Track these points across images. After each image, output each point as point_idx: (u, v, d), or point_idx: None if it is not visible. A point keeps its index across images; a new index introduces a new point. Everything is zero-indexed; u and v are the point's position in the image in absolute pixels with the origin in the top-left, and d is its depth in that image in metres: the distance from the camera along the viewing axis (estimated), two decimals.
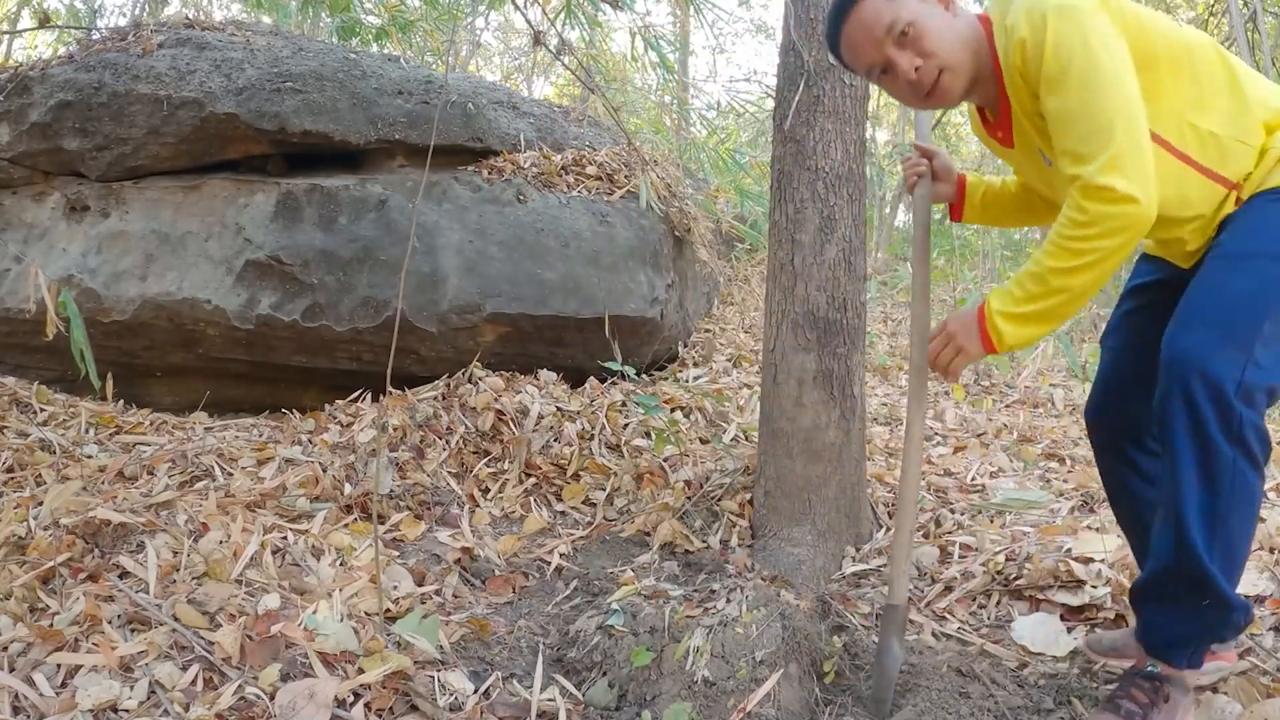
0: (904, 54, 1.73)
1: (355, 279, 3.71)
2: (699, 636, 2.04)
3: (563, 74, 13.57)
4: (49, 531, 2.38)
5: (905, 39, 1.72)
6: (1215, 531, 1.56)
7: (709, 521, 2.94)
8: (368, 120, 4.00)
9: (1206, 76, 1.65)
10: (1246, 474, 1.54)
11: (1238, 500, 1.55)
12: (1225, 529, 1.56)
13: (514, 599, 2.61)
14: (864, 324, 2.85)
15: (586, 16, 4.97)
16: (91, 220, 4.00)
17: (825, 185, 2.75)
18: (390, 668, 1.93)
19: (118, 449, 3.31)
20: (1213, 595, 1.58)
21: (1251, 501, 1.57)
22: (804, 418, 2.74)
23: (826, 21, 1.85)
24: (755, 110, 10.25)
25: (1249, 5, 8.18)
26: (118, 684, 1.79)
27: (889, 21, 1.73)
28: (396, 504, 3.01)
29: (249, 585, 2.27)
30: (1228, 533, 1.56)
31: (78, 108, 3.94)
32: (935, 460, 3.52)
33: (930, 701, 1.91)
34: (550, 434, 3.52)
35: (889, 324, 6.82)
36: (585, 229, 4.07)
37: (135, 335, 3.90)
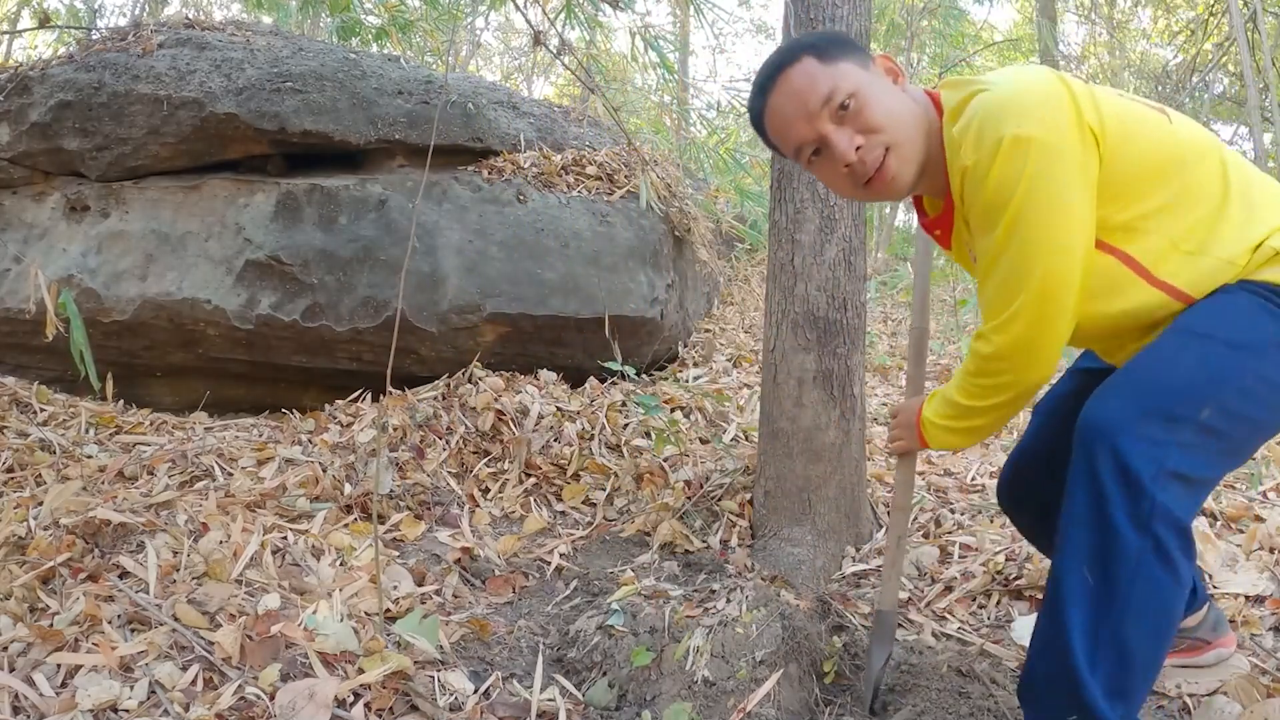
0: (843, 131, 1.49)
1: (355, 279, 3.71)
2: (699, 636, 2.04)
3: (563, 74, 13.57)
4: (49, 531, 2.38)
5: (845, 113, 1.48)
6: (1099, 636, 1.34)
7: (709, 521, 2.94)
8: (368, 120, 4.00)
9: (1197, 192, 1.44)
10: (1153, 570, 1.31)
11: (1137, 601, 1.32)
12: (1117, 635, 1.34)
13: (514, 599, 2.61)
14: (864, 324, 2.85)
15: (586, 16, 4.97)
16: (91, 220, 4.00)
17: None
18: (390, 668, 1.93)
19: (118, 449, 3.31)
20: (1082, 705, 1.35)
21: (1160, 606, 1.33)
22: (804, 418, 2.74)
23: (751, 90, 1.59)
24: None
25: (1249, 5, 8.18)
26: (118, 684, 1.79)
27: (826, 91, 1.48)
28: (396, 504, 3.01)
29: (249, 585, 2.27)
30: (1119, 640, 1.34)
31: (78, 108, 3.94)
32: (935, 460, 3.52)
33: (930, 701, 1.91)
34: (550, 434, 3.52)
35: (889, 324, 6.82)
36: (585, 229, 4.07)
37: (135, 335, 3.90)
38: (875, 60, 1.55)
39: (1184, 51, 11.28)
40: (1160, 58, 13.63)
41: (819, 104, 1.49)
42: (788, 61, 1.52)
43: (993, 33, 13.50)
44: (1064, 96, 1.38)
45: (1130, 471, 1.30)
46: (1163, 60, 13.08)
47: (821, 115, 1.49)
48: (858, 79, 1.49)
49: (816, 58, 1.50)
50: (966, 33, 11.91)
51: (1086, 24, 14.84)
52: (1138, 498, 1.30)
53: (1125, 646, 1.34)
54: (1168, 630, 1.36)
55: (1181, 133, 1.46)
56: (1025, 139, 1.35)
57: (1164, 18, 13.85)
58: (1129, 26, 14.83)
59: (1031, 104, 1.37)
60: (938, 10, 10.35)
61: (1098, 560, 1.34)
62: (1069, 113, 1.37)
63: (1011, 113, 1.37)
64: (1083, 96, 1.39)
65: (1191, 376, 1.35)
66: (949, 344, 5.87)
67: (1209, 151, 1.46)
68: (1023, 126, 1.35)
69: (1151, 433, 1.31)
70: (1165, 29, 13.80)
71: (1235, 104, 10.82)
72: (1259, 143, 7.54)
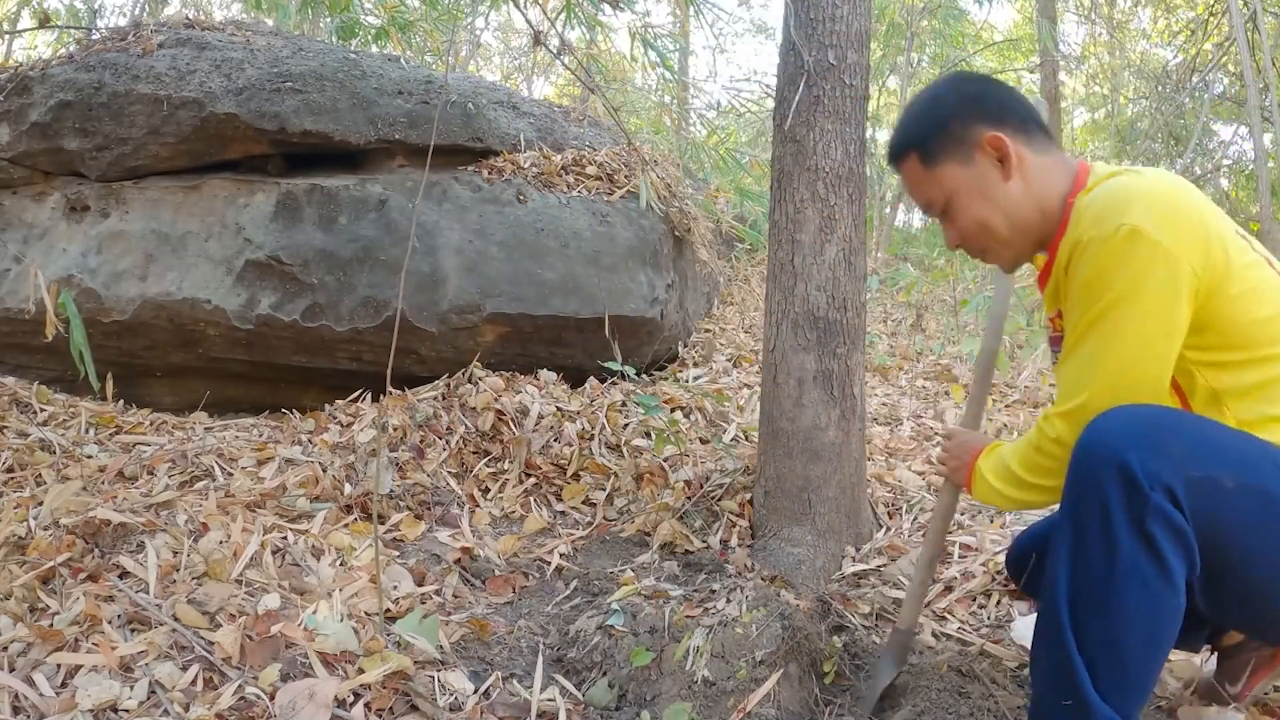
0: (949, 227, 1.67)
1: (355, 279, 3.71)
2: (699, 636, 2.04)
3: (563, 74, 13.57)
4: (49, 531, 2.38)
5: (945, 216, 1.65)
6: (1091, 629, 1.37)
7: (709, 521, 2.94)
8: (368, 120, 4.00)
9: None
10: (1145, 568, 1.33)
11: (1130, 599, 1.34)
12: (1109, 631, 1.36)
13: (514, 599, 2.61)
14: (864, 324, 2.85)
15: (586, 16, 4.97)
16: (91, 220, 4.00)
17: (825, 185, 2.75)
18: (390, 668, 1.93)
19: (118, 449, 3.31)
20: (1078, 698, 1.38)
21: (1151, 606, 1.34)
22: (804, 418, 2.74)
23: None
24: (755, 110, 10.25)
25: (1249, 5, 8.18)
26: (118, 684, 1.79)
27: (925, 200, 1.67)
28: (396, 504, 3.01)
29: (249, 585, 2.28)
30: (1111, 636, 1.36)
31: (78, 108, 3.94)
32: (935, 460, 3.51)
33: (930, 701, 1.91)
34: (550, 434, 3.52)
35: (889, 324, 6.82)
36: (585, 229, 4.07)
37: (135, 335, 3.90)
38: (983, 147, 1.59)
39: (1184, 52, 11.29)
40: (1160, 58, 13.63)
41: (924, 204, 1.68)
42: (897, 159, 1.69)
43: (993, 33, 13.51)
44: (1201, 223, 1.40)
45: (1129, 471, 1.32)
46: (1163, 60, 13.09)
47: (931, 210, 1.67)
48: (955, 183, 1.60)
49: (921, 160, 1.63)
50: (966, 33, 11.92)
51: (1086, 24, 14.83)
52: (1133, 496, 1.32)
53: (1117, 644, 1.36)
54: (1165, 637, 1.37)
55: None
56: (1145, 234, 1.37)
57: (1164, 18, 13.85)
58: (1129, 27, 14.83)
59: (1166, 207, 1.39)
60: (938, 10, 10.35)
61: (1092, 555, 1.37)
62: (1197, 234, 1.39)
63: (1142, 204, 1.39)
64: (1216, 237, 1.41)
65: (1229, 446, 1.38)
66: (948, 343, 5.87)
67: None
68: (1147, 222, 1.37)
69: (1157, 454, 1.33)
70: (1165, 29, 13.80)
71: (1235, 104, 10.82)
72: (1259, 143, 7.53)
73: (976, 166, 1.59)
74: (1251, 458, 1.37)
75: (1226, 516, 1.34)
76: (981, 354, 2.08)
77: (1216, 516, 1.33)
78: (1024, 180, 1.59)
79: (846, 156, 2.78)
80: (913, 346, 5.84)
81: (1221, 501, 1.33)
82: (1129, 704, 1.38)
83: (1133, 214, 1.38)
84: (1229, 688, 1.86)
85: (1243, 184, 11.65)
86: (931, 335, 6.34)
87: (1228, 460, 1.35)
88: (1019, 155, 1.59)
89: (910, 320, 6.78)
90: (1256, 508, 1.34)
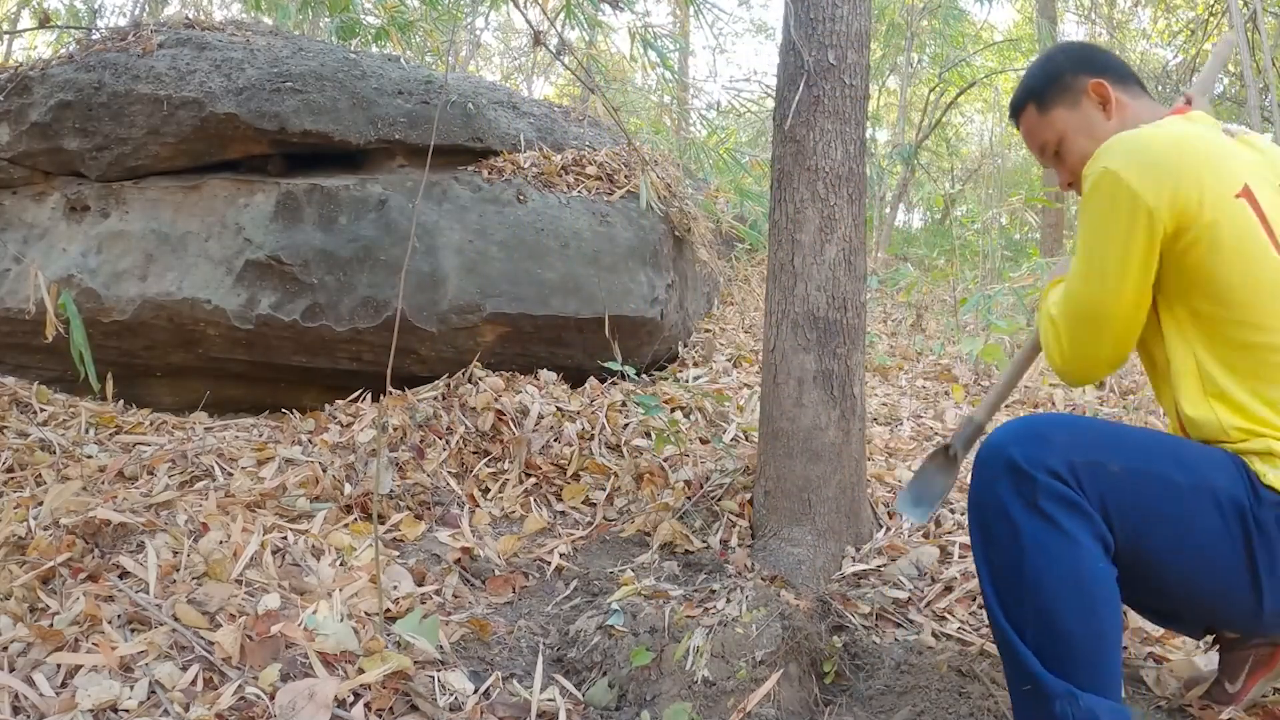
0: (1060, 167, 1.87)
1: (355, 279, 3.71)
2: (699, 636, 2.04)
3: (563, 74, 13.57)
4: (49, 531, 2.38)
5: (1058, 156, 1.85)
6: (1021, 611, 1.44)
7: (709, 521, 2.94)
8: (368, 120, 4.00)
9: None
10: (1048, 542, 1.41)
11: (1043, 572, 1.41)
12: (1038, 607, 1.42)
13: (514, 599, 2.61)
14: (864, 324, 2.85)
15: (586, 17, 4.97)
16: (91, 220, 4.00)
17: (825, 185, 2.75)
18: (390, 668, 1.93)
19: (118, 449, 3.31)
20: (1028, 677, 1.43)
21: (1067, 573, 1.41)
22: (804, 418, 2.74)
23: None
24: (755, 110, 10.25)
25: (1249, 5, 8.18)
26: (118, 684, 1.79)
27: (1040, 143, 1.88)
28: (396, 504, 3.01)
29: (249, 585, 2.28)
30: (1042, 612, 1.42)
31: (78, 108, 3.94)
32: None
33: (930, 701, 1.91)
34: (550, 434, 3.52)
35: (889, 324, 6.82)
36: (585, 229, 4.07)
37: (135, 335, 3.90)
38: (1088, 92, 1.80)
39: (1184, 52, 11.28)
40: (1160, 58, 13.63)
41: (1039, 149, 1.90)
42: (1017, 111, 1.92)
43: (993, 33, 13.51)
44: (1177, 172, 1.49)
45: (1014, 462, 1.45)
46: (1163, 60, 13.08)
47: (1045, 154, 1.89)
48: (1065, 125, 1.82)
49: (1037, 107, 1.87)
50: (966, 33, 11.93)
51: (1086, 24, 14.83)
52: (1023, 482, 1.43)
53: (1050, 617, 1.42)
54: (1092, 596, 1.41)
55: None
56: (1113, 174, 1.52)
57: (1164, 18, 13.85)
58: (1129, 27, 14.83)
59: (1142, 153, 1.52)
60: (938, 10, 10.36)
61: (1002, 545, 1.47)
62: (1165, 182, 1.49)
63: (1124, 148, 1.54)
64: (1193, 188, 1.49)
65: (1116, 436, 1.50)
66: (948, 343, 5.87)
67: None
68: (1118, 163, 1.52)
69: (1038, 445, 1.45)
70: (1165, 29, 13.79)
71: (1235, 104, 10.81)
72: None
73: (1082, 110, 1.80)
74: (1139, 444, 1.48)
75: (1118, 499, 1.43)
76: (966, 421, 2.25)
77: (1107, 500, 1.43)
78: (1122, 122, 1.77)
79: (847, 156, 2.78)
80: (913, 346, 5.84)
81: (1110, 485, 1.43)
82: (1083, 675, 1.41)
83: (1111, 157, 1.54)
84: (1228, 686, 1.86)
85: None
86: (931, 335, 6.34)
87: (1112, 447, 1.46)
88: (1118, 100, 1.79)
89: (910, 320, 6.78)
90: (1147, 491, 1.43)
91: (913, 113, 12.10)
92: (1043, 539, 1.41)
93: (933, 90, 11.03)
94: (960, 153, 16.37)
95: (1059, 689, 1.40)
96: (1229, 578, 1.43)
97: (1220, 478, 1.44)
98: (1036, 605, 1.42)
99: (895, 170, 11.11)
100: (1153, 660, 2.13)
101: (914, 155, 10.23)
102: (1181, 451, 1.48)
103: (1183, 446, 1.50)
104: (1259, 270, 1.49)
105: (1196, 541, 1.42)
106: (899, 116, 12.62)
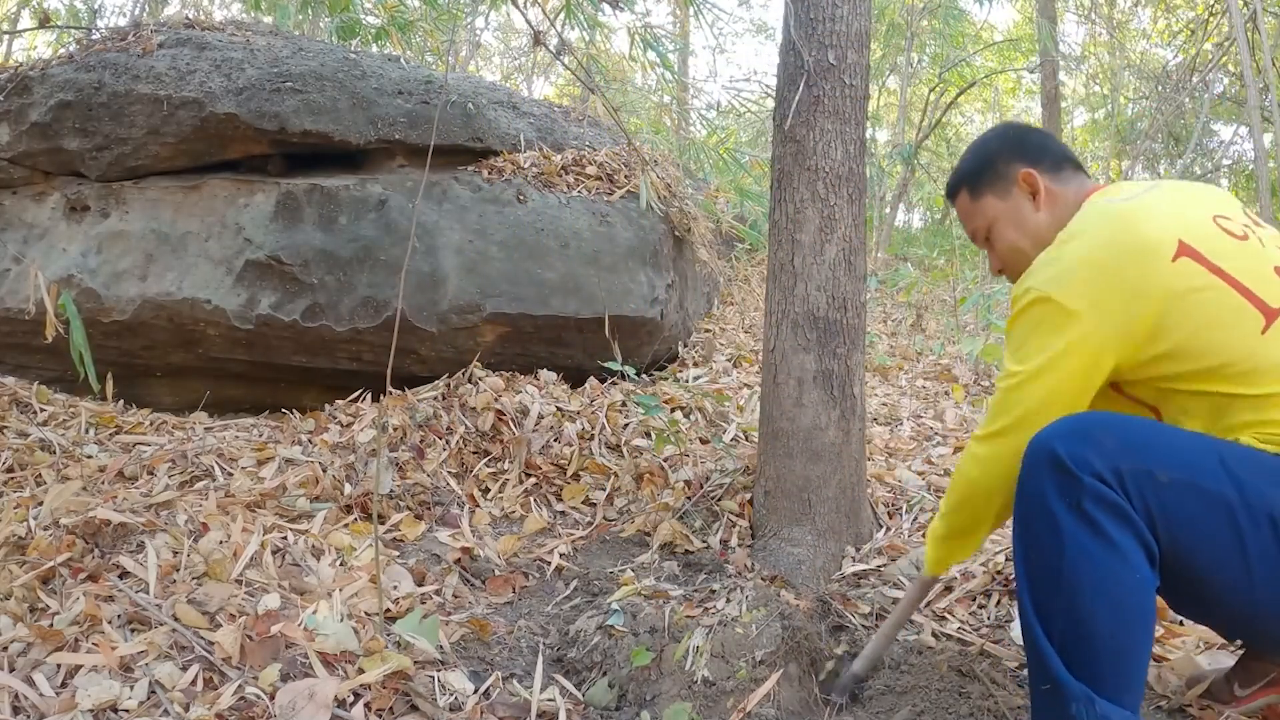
0: (991, 253, 1.93)
1: (355, 279, 3.71)
2: (699, 636, 2.04)
3: (563, 74, 13.57)
4: (49, 531, 2.38)
5: (989, 241, 1.90)
6: (1052, 612, 1.43)
7: (709, 521, 2.94)
8: (368, 120, 4.00)
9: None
10: (1089, 546, 1.38)
11: (1082, 576, 1.39)
12: (1071, 611, 1.40)
13: (514, 599, 2.61)
14: (864, 324, 2.85)
15: (586, 17, 4.97)
16: (91, 220, 4.00)
17: (825, 185, 2.75)
18: (390, 668, 1.93)
19: (118, 449, 3.31)
20: (1049, 677, 1.42)
21: (1105, 579, 1.38)
22: (804, 418, 2.74)
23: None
24: (756, 110, 10.25)
25: (1249, 5, 8.19)
26: (118, 684, 1.79)
27: (972, 229, 1.94)
28: (396, 504, 3.01)
29: (249, 585, 2.28)
30: (1075, 616, 1.40)
31: (78, 108, 3.94)
32: (935, 460, 3.52)
33: (930, 701, 1.91)
34: (550, 434, 3.52)
35: (889, 324, 6.82)
36: (585, 229, 4.07)
37: (135, 335, 3.90)
38: (1019, 182, 1.83)
39: (1184, 52, 11.28)
40: (1160, 58, 13.63)
41: (971, 234, 1.96)
42: (952, 195, 1.97)
43: (993, 33, 13.51)
44: (1122, 282, 1.51)
45: (1058, 459, 1.41)
46: (1163, 60, 13.08)
47: (977, 239, 1.95)
48: (995, 213, 1.87)
49: (969, 193, 1.91)
50: (966, 33, 11.92)
51: (1086, 24, 14.84)
52: (1067, 482, 1.40)
53: (1081, 621, 1.39)
54: (1127, 608, 1.39)
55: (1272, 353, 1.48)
56: (1045, 298, 1.56)
57: (1164, 18, 13.85)
58: (1129, 26, 14.83)
59: (1073, 271, 1.55)
60: (938, 10, 10.35)
61: (1041, 541, 1.44)
62: (1114, 296, 1.51)
63: (1053, 269, 1.58)
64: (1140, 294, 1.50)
65: (1165, 443, 1.44)
66: (948, 343, 5.87)
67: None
68: (1051, 288, 1.56)
69: (1086, 444, 1.41)
70: (1165, 29, 13.80)
71: (1235, 104, 10.82)
72: (1259, 143, 7.53)
73: (1013, 200, 1.84)
74: (1191, 454, 1.42)
75: (1165, 511, 1.38)
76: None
77: (1153, 511, 1.38)
78: (1051, 212, 1.80)
79: (846, 156, 2.78)
80: (912, 346, 5.84)
81: (1158, 496, 1.38)
82: (1105, 683, 1.39)
83: (1039, 277, 1.58)
84: (1237, 688, 1.85)
85: (1243, 184, 11.65)
86: (931, 335, 6.34)
87: (1162, 456, 1.41)
88: (1048, 190, 1.82)
89: (910, 320, 6.78)
90: (1197, 506, 1.38)
91: (913, 113, 12.10)
92: (1084, 542, 1.39)
93: (933, 90, 11.01)
94: (960, 152, 16.38)
95: (1078, 692, 1.39)
96: (1274, 598, 1.38)
97: (1273, 490, 1.38)
98: (1068, 606, 1.41)
99: (895, 170, 11.11)
100: (1153, 659, 2.13)
101: (914, 155, 10.21)
102: (1237, 464, 1.41)
103: (1239, 457, 1.42)
104: (1229, 319, 1.49)
105: (1245, 562, 1.37)
106: (899, 116, 12.62)
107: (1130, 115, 13.45)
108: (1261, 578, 1.36)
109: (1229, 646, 2.03)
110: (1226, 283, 1.49)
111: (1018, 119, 16.40)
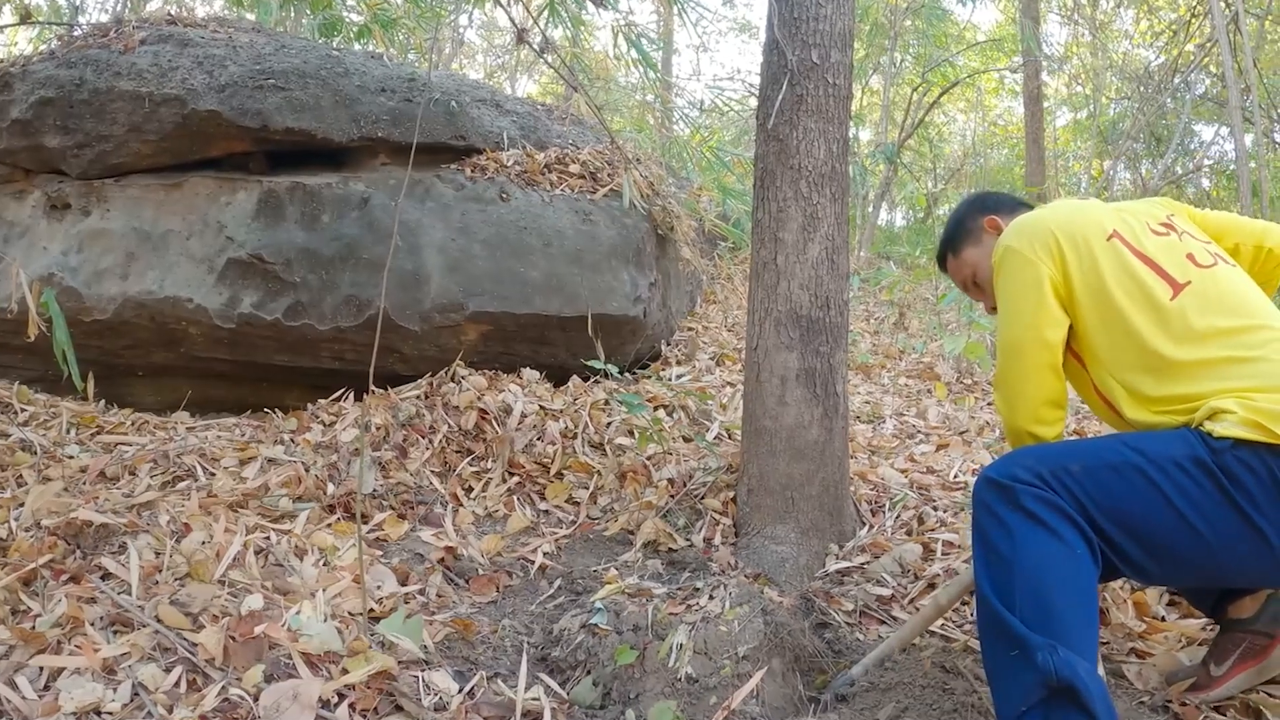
0: (981, 295, 2.26)
1: (338, 277, 3.70)
2: (682, 634, 2.05)
3: (546, 72, 13.56)
4: (30, 533, 2.37)
5: (977, 284, 2.23)
6: (1013, 588, 1.58)
7: (692, 520, 2.95)
8: (350, 118, 3.99)
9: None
10: (1034, 535, 1.59)
11: (1033, 560, 1.58)
12: (1029, 585, 1.56)
13: (498, 598, 2.61)
14: (847, 322, 2.86)
15: (570, 15, 4.97)
16: (72, 218, 3.98)
17: (808, 184, 2.76)
18: (374, 668, 1.93)
19: (99, 449, 3.29)
20: (1015, 641, 1.53)
21: (1054, 560, 1.57)
22: (787, 416, 2.75)
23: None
24: (739, 109, 10.26)
25: (1231, 7, 8.24)
26: (100, 686, 1.79)
27: (962, 280, 2.28)
28: (380, 503, 3.01)
29: (232, 586, 2.27)
30: (1034, 589, 1.56)
31: (59, 105, 3.92)
32: (918, 458, 3.53)
33: (914, 698, 1.92)
34: (533, 433, 3.52)
35: (871, 322, 6.85)
36: (568, 227, 4.07)
37: (117, 334, 3.88)
38: (985, 228, 2.20)
39: (1166, 53, 11.34)
40: (1142, 58, 13.70)
41: (962, 285, 2.31)
42: (941, 262, 2.35)
43: (975, 33, 13.57)
44: (1053, 239, 1.86)
45: (993, 480, 1.67)
46: (1145, 61, 13.15)
47: (968, 288, 2.30)
48: (975, 258, 2.21)
49: (952, 254, 2.28)
50: (949, 33, 11.97)
51: (1069, 25, 14.91)
52: (1005, 492, 1.65)
53: (1038, 589, 1.56)
54: (1077, 581, 1.57)
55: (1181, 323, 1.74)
56: (1009, 248, 1.90)
57: (1146, 19, 13.93)
58: (1111, 27, 14.91)
59: (1025, 228, 1.91)
60: (921, 10, 10.39)
61: (998, 547, 1.63)
62: (1050, 246, 1.86)
63: (1013, 230, 1.93)
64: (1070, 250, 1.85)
65: (1073, 446, 1.71)
66: (930, 341, 5.90)
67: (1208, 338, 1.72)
68: (1012, 240, 1.91)
69: (1009, 464, 1.68)
70: (1148, 30, 13.88)
71: (1217, 105, 10.89)
72: (1240, 143, 7.58)
73: (984, 244, 2.17)
74: (1094, 445, 1.68)
75: (1089, 493, 1.60)
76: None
77: (1079, 496, 1.60)
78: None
79: (830, 155, 2.79)
80: (895, 345, 5.87)
81: (1077, 482, 1.61)
82: (1058, 636, 1.51)
83: (1006, 237, 1.93)
84: (1213, 668, 1.92)
85: (1224, 184, 11.73)
86: (914, 333, 6.36)
87: (1071, 454, 1.67)
88: None
89: (893, 318, 6.81)
90: (1111, 477, 1.60)
91: (896, 112, 12.13)
92: (1033, 533, 1.60)
93: (915, 90, 11.05)
94: (943, 152, 16.41)
95: (1040, 641, 1.50)
96: (1227, 529, 1.54)
97: (1173, 445, 1.60)
98: (1029, 585, 1.57)
99: (878, 169, 11.14)
100: (1135, 655, 2.15)
101: (897, 154, 10.25)
102: (1131, 438, 1.67)
103: (1132, 435, 1.69)
104: (1142, 293, 1.76)
105: (1180, 507, 1.55)
106: (882, 116, 12.65)
107: (1113, 115, 13.52)
108: (1188, 512, 1.55)
109: (1209, 633, 2.05)
110: (1143, 262, 1.80)
111: (999, 118, 16.47)
